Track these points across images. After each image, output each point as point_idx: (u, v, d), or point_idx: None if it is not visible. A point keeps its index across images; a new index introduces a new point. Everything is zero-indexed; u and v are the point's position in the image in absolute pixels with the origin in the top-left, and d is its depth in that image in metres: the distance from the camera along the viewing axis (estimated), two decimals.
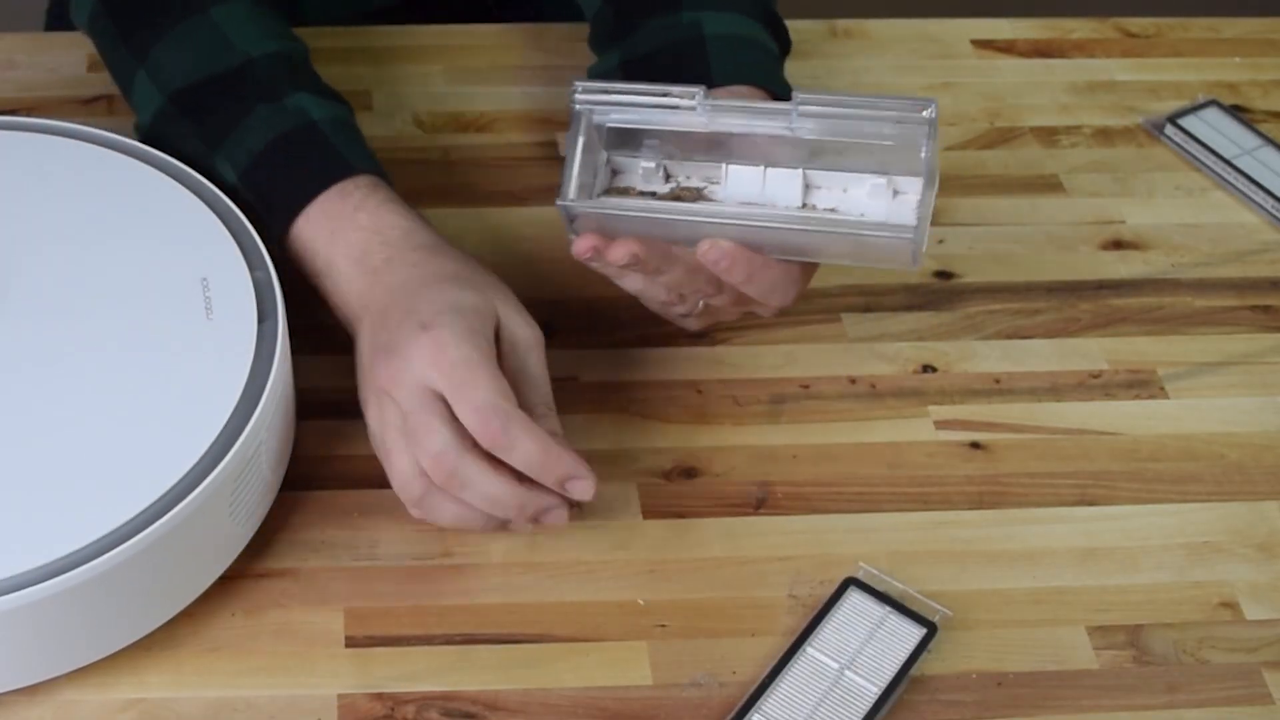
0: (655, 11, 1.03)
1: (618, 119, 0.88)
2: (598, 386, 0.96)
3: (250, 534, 0.86)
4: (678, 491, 0.92)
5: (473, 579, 0.87)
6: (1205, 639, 0.87)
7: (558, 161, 1.10)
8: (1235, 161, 1.12)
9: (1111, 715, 0.84)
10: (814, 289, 0.98)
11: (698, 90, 0.87)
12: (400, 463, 0.84)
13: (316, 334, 0.95)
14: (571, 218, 0.87)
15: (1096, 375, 1.00)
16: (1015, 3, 1.42)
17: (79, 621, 0.79)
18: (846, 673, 0.83)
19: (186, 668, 0.82)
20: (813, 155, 0.87)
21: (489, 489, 0.83)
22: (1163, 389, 0.99)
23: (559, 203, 0.86)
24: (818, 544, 0.90)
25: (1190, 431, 0.97)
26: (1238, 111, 1.17)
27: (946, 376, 0.99)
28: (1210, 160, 1.13)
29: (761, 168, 0.88)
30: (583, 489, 0.83)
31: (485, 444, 0.82)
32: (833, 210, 0.87)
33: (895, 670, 0.83)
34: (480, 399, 0.82)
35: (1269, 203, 1.10)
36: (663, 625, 0.86)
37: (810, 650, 0.83)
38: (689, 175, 0.89)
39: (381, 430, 0.85)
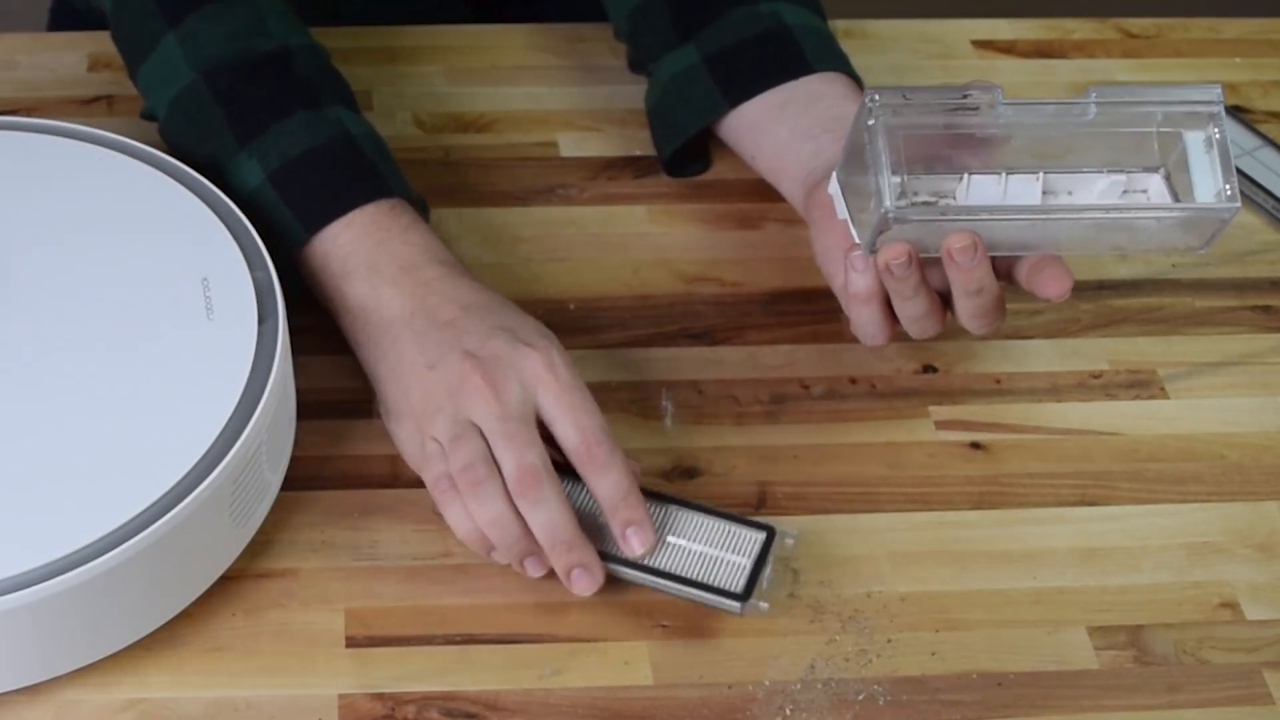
0: (731, 2, 1.03)
1: (916, 125, 0.85)
2: (598, 386, 0.96)
3: (250, 534, 0.86)
4: (678, 491, 0.92)
5: (473, 579, 0.87)
6: (1205, 639, 0.87)
7: (557, 162, 1.10)
8: (1235, 162, 1.12)
9: (1112, 715, 0.84)
10: (816, 289, 0.99)
11: (997, 88, 0.85)
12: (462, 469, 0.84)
13: (316, 334, 0.95)
14: (883, 229, 0.84)
15: (1096, 375, 1.00)
16: (1015, 3, 1.42)
17: (79, 621, 0.79)
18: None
19: (187, 668, 0.82)
20: (1040, 159, 0.86)
21: (556, 514, 0.84)
22: (1163, 389, 0.99)
23: (886, 210, 0.83)
24: (818, 544, 0.90)
25: (1190, 431, 0.97)
26: (1238, 112, 1.16)
27: (946, 376, 0.99)
28: None
29: (1002, 174, 0.86)
30: (641, 540, 0.85)
31: (584, 460, 0.85)
32: None
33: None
34: (588, 423, 0.85)
35: (1269, 203, 1.10)
36: (663, 625, 0.86)
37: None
38: (917, 191, 0.87)
39: (444, 429, 0.85)
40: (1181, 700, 0.84)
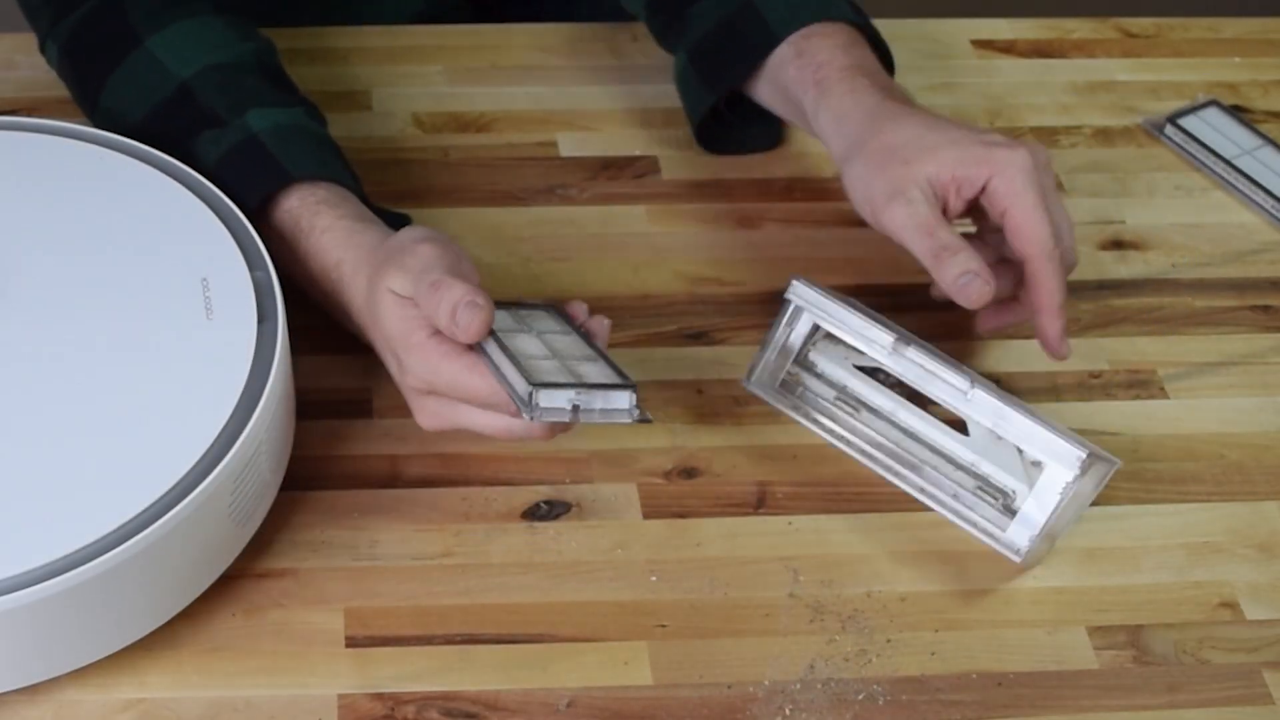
0: None
1: (824, 323, 0.93)
2: None
3: (250, 534, 0.86)
4: (678, 491, 0.92)
5: (473, 579, 0.87)
6: (1205, 639, 0.87)
7: (557, 162, 1.10)
8: (1235, 161, 1.12)
9: (1112, 715, 0.84)
10: None
11: (893, 338, 0.90)
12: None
13: (316, 334, 0.95)
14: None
15: (1096, 375, 1.00)
16: (1015, 3, 1.42)
17: (79, 621, 0.79)
18: None
19: (187, 668, 0.82)
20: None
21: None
22: (1163, 389, 0.99)
23: (745, 383, 0.94)
24: (818, 544, 0.90)
25: (1190, 431, 0.97)
26: (1238, 111, 1.17)
27: None
28: (1210, 160, 1.13)
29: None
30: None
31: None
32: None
33: None
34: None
35: (1269, 203, 1.10)
36: (663, 625, 0.86)
37: None
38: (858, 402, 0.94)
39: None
40: (1181, 700, 0.84)
